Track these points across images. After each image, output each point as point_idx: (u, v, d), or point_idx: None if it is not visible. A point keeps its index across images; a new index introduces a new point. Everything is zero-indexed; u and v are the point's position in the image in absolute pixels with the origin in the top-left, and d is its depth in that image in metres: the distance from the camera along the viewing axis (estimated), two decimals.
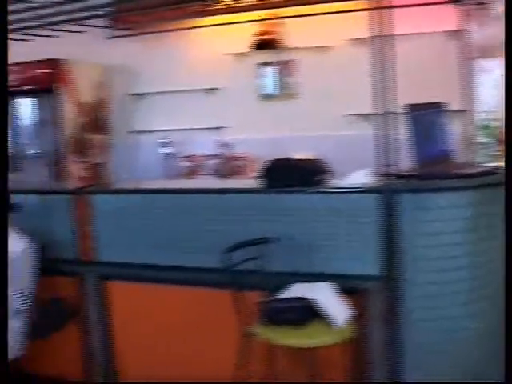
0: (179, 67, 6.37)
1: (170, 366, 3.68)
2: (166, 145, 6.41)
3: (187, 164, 6.32)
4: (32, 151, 6.83)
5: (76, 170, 5.75)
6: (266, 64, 6.15)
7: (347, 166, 3.38)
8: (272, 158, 3.46)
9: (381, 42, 3.92)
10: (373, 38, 3.97)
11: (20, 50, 5.68)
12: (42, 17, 4.51)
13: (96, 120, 6.46)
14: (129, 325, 3.77)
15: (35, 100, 6.74)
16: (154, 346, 3.70)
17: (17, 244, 3.55)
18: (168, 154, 6.41)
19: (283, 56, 6.07)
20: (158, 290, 3.60)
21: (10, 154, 6.81)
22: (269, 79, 6.18)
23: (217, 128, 6.28)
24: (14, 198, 3.66)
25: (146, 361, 3.76)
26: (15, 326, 3.55)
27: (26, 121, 6.88)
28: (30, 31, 4.80)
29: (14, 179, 4.13)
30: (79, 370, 3.95)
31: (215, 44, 6.18)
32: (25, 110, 6.87)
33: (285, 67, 6.09)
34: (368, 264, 3.12)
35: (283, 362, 3.24)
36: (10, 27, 4.50)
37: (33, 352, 3.72)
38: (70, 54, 6.22)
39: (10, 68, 6.32)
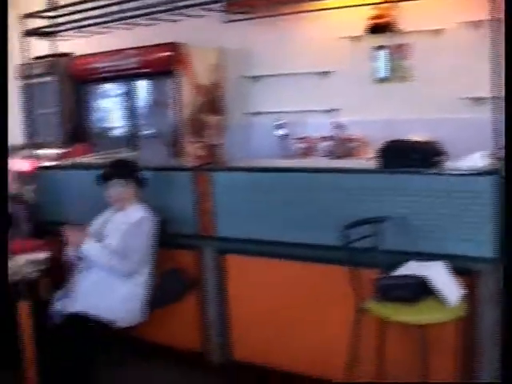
0: (294, 50, 6.51)
1: (284, 340, 3.83)
2: (280, 126, 6.58)
3: (301, 145, 6.47)
4: (149, 131, 7.19)
5: (193, 150, 5.99)
6: (380, 47, 6.19)
7: (462, 149, 3.41)
8: (386, 139, 3.54)
9: (497, 25, 3.89)
10: (489, 20, 3.94)
11: (141, 34, 6.00)
12: (165, 2, 4.74)
13: (212, 102, 6.69)
14: (245, 298, 3.95)
15: (154, 82, 7.08)
16: (269, 319, 3.86)
17: (137, 213, 3.84)
18: (282, 135, 6.58)
19: (397, 39, 6.09)
20: (275, 264, 3.75)
21: (128, 133, 7.20)
22: (383, 62, 6.22)
23: (330, 110, 6.38)
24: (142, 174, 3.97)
25: (260, 334, 3.92)
26: (138, 292, 3.83)
27: (145, 102, 7.23)
28: (153, 16, 5.04)
29: (134, 157, 4.44)
30: (196, 341, 4.19)
31: (330, 27, 6.27)
32: (143, 91, 7.22)
33: (399, 50, 6.10)
34: (481, 246, 3.14)
35: (394, 339, 3.33)
36: (137, 13, 4.78)
37: (153, 320, 3.99)
38: (188, 39, 6.49)
39: (130, 51, 6.69)
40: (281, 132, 6.58)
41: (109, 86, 7.54)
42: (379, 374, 3.40)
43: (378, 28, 6.07)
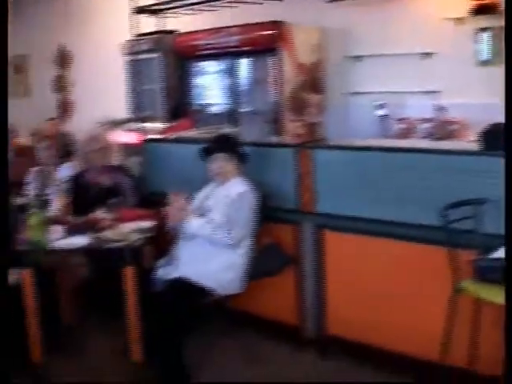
0: (396, 31, 6.47)
1: (378, 318, 3.89)
2: (380, 107, 6.58)
3: (401, 126, 6.46)
4: (249, 108, 7.33)
5: (293, 127, 6.10)
6: (483, 29, 6.07)
7: None
8: (487, 123, 3.54)
9: None
10: None
11: (245, 13, 6.13)
12: None
13: (313, 81, 6.78)
14: (341, 275, 4.03)
15: (255, 60, 7.19)
16: (364, 297, 3.93)
17: (239, 187, 3.98)
18: (382, 115, 6.59)
19: (501, 21, 5.95)
20: (372, 242, 3.80)
21: (229, 110, 7.38)
22: (485, 45, 6.11)
23: (431, 92, 6.33)
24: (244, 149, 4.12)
25: (355, 311, 3.99)
26: (238, 262, 3.99)
27: (246, 80, 7.36)
28: None
29: (235, 133, 4.59)
30: (292, 316, 4.31)
31: (434, 8, 6.20)
32: (244, 69, 7.36)
33: (503, 32, 5.97)
34: None
35: (489, 321, 3.35)
36: None
37: (250, 291, 4.15)
38: (291, 17, 6.57)
39: (232, 29, 6.82)
40: (381, 112, 6.58)
41: (211, 63, 7.72)
42: (472, 355, 3.43)
43: (482, 9, 5.96)
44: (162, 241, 4.35)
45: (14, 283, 3.98)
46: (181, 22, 7.50)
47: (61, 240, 4.01)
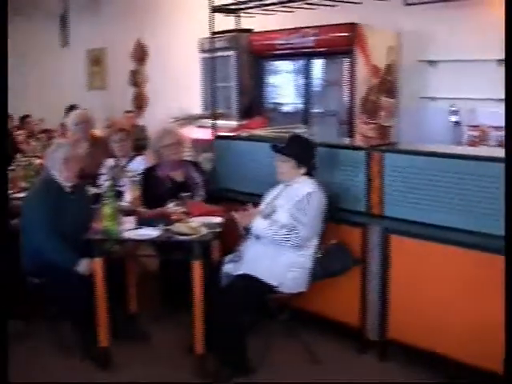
0: (473, 36, 6.38)
1: (440, 325, 3.86)
2: (453, 113, 6.51)
3: (473, 133, 6.37)
4: (322, 109, 7.35)
5: (364, 130, 6.09)
6: None
7: None
8: None
9: None
10: None
11: (321, 14, 6.15)
12: None
13: (386, 84, 6.76)
14: (406, 280, 4.02)
15: (329, 61, 7.22)
16: (427, 303, 3.90)
17: (307, 187, 4.00)
18: (455, 122, 6.51)
19: None
20: (438, 249, 3.78)
21: (302, 110, 7.41)
22: None
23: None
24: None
25: (417, 317, 3.97)
26: (303, 262, 4.02)
27: (319, 80, 7.39)
28: None
29: (307, 133, 4.61)
30: (354, 317, 4.32)
31: None
32: (318, 70, 7.39)
33: None
34: None
35: None
36: None
37: (314, 291, 4.19)
38: (366, 20, 6.56)
39: (308, 30, 6.84)
40: (453, 119, 6.51)
41: (286, 63, 7.78)
42: None
43: None
44: (230, 237, 4.43)
45: (85, 271, 4.12)
46: (256, 21, 7.58)
47: (132, 231, 4.12)
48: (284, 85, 7.89)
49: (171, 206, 4.38)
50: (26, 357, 4.39)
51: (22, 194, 5.27)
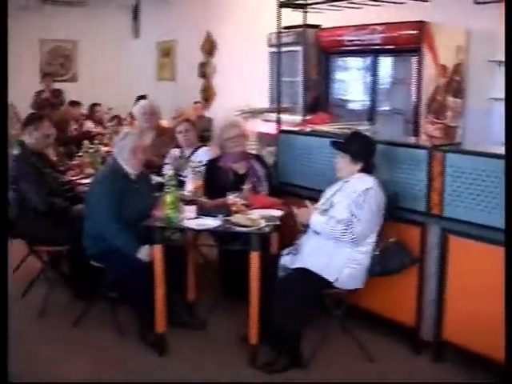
0: None
1: (495, 329, 3.80)
2: None
3: None
4: (387, 107, 7.31)
5: (430, 130, 6.06)
6: None
7: None
8: None
9: None
10: None
11: (389, 10, 6.10)
12: None
13: (454, 83, 6.68)
14: (464, 281, 3.98)
15: (396, 59, 7.18)
16: (485, 307, 3.85)
17: (365, 184, 4.01)
18: None
19: None
20: (497, 251, 3.70)
21: (367, 107, 7.39)
22: None
23: None
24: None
25: (473, 320, 3.93)
26: (360, 258, 4.04)
27: (385, 78, 7.35)
28: None
29: (371, 130, 4.61)
30: (410, 317, 4.31)
31: None
32: (385, 67, 7.35)
33: None
34: None
35: None
36: None
37: (370, 288, 4.20)
38: (435, 18, 6.49)
39: (375, 27, 6.81)
40: None
41: (353, 59, 7.78)
42: None
43: None
44: (289, 230, 4.47)
45: (146, 257, 4.24)
46: (325, 16, 7.58)
47: (192, 220, 4.20)
48: (350, 81, 7.89)
49: (232, 198, 4.44)
50: (83, 338, 4.55)
51: (87, 180, 5.45)
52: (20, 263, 5.75)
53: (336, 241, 3.98)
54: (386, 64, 7.36)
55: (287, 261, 4.20)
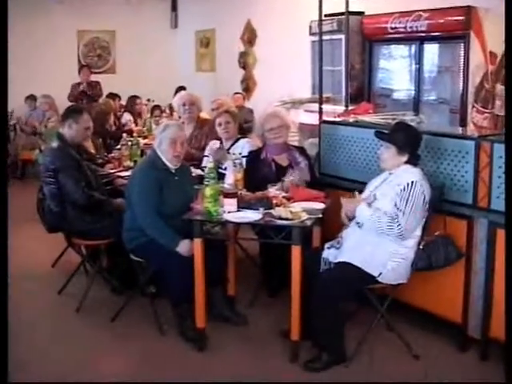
0: None
1: None
2: None
3: None
4: (434, 96, 7.24)
5: (478, 119, 5.99)
6: None
7: None
8: None
9: None
10: None
11: None
12: None
13: (502, 70, 6.57)
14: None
15: (443, 46, 7.09)
16: None
17: (410, 176, 3.99)
18: None
19: None
20: None
21: (412, 97, 7.32)
22: None
23: None
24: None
25: None
26: (405, 252, 4.03)
27: (432, 66, 7.28)
28: None
29: (416, 121, 4.58)
30: (456, 312, 4.27)
31: None
32: (431, 55, 7.27)
33: None
34: None
35: None
36: None
37: (415, 283, 4.19)
38: (484, 3, 6.40)
39: (421, 13, 6.74)
40: None
41: (397, 47, 7.72)
42: None
43: None
44: (331, 223, 4.49)
45: (185, 251, 4.29)
46: (368, 3, 7.55)
47: (232, 213, 4.24)
48: (395, 70, 7.83)
49: (273, 190, 4.47)
50: (122, 334, 4.63)
51: (126, 173, 5.54)
52: (59, 257, 5.89)
53: (380, 234, 3.98)
54: (431, 52, 7.28)
55: (329, 255, 4.20)
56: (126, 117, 9.38)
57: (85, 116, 5.22)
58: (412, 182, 3.95)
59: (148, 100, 10.38)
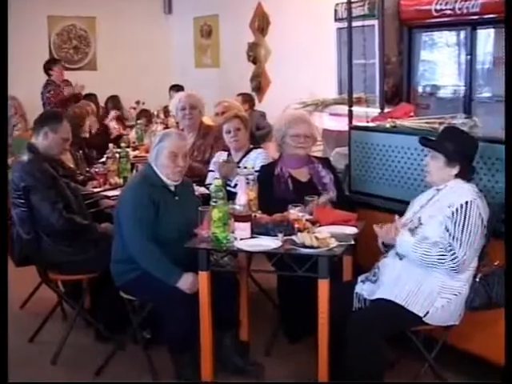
0: None
1: None
2: None
3: None
4: (490, 93, 7.23)
5: None
6: None
7: None
8: None
9: None
10: None
11: None
12: None
13: None
14: None
15: (499, 32, 7.08)
16: None
17: (463, 196, 4.00)
18: None
19: None
20: None
21: (464, 95, 7.32)
22: None
23: None
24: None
25: None
26: (457, 287, 4.04)
27: (487, 57, 7.27)
28: None
29: (469, 125, 4.60)
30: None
31: None
32: (486, 43, 7.26)
33: None
34: None
35: None
36: None
37: (470, 325, 4.21)
38: None
39: None
40: None
41: (443, 34, 7.71)
42: None
43: None
44: (365, 251, 4.51)
45: (188, 287, 4.34)
46: None
47: (245, 240, 4.28)
48: (440, 62, 7.83)
49: (294, 212, 4.48)
50: None
51: (114, 192, 5.57)
52: (29, 296, 5.88)
53: (427, 266, 3.99)
54: (485, 39, 7.29)
55: (364, 290, 4.24)
56: (112, 123, 9.39)
57: (64, 124, 5.26)
58: (467, 203, 3.94)
59: (137, 102, 10.38)
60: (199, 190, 5.32)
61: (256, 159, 5.55)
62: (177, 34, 12.87)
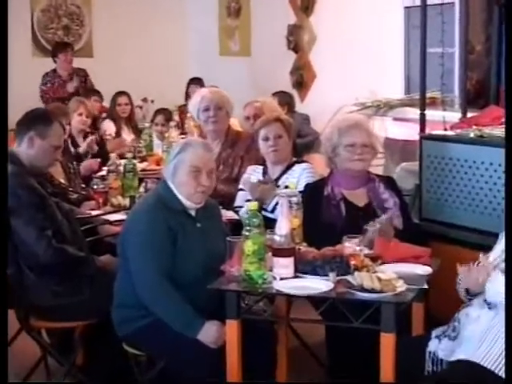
0: None
1: None
2: None
3: None
4: None
5: None
6: None
7: None
8: None
9: None
10: None
11: None
12: None
13: None
14: None
15: None
16: None
17: None
18: None
19: None
20: None
21: None
22: None
23: None
24: None
25: None
26: None
27: None
28: None
29: None
30: None
31: None
32: None
33: None
34: None
35: None
36: None
37: None
38: None
39: None
40: None
41: None
42: None
43: None
44: (440, 297, 4.52)
45: (213, 340, 4.36)
46: None
47: (287, 280, 4.28)
48: None
49: (349, 245, 4.49)
50: None
51: (117, 216, 5.61)
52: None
53: None
54: None
55: (440, 348, 4.23)
56: (105, 125, 9.37)
57: (55, 127, 5.23)
58: None
59: (144, 100, 10.40)
60: (226, 214, 5.33)
61: (300, 176, 5.59)
62: (196, 13, 12.86)
